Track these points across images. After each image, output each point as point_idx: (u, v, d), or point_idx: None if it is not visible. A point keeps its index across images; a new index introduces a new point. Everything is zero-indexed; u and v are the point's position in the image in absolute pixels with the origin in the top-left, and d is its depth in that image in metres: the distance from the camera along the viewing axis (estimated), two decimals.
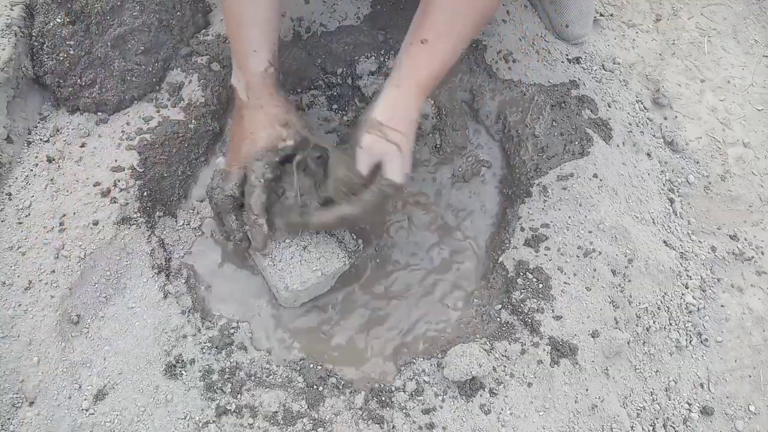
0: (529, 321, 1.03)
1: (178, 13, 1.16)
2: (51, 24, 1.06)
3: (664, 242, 1.13)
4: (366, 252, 1.12)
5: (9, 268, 0.96)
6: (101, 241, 1.00)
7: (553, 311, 1.03)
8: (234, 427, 0.91)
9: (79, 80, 1.09)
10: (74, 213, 1.01)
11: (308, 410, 0.94)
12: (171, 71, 1.16)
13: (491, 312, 1.07)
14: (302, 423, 0.92)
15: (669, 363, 1.05)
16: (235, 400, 0.94)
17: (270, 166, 0.98)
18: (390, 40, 1.25)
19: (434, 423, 0.93)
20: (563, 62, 1.29)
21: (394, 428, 0.93)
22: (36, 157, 1.06)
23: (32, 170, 1.05)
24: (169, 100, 1.14)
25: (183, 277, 1.06)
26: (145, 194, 1.07)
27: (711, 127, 1.32)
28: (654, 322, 1.06)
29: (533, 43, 1.30)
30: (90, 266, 0.98)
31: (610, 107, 1.25)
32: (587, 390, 0.97)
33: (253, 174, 0.97)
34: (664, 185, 1.21)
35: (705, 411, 1.03)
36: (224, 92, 1.18)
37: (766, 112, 1.37)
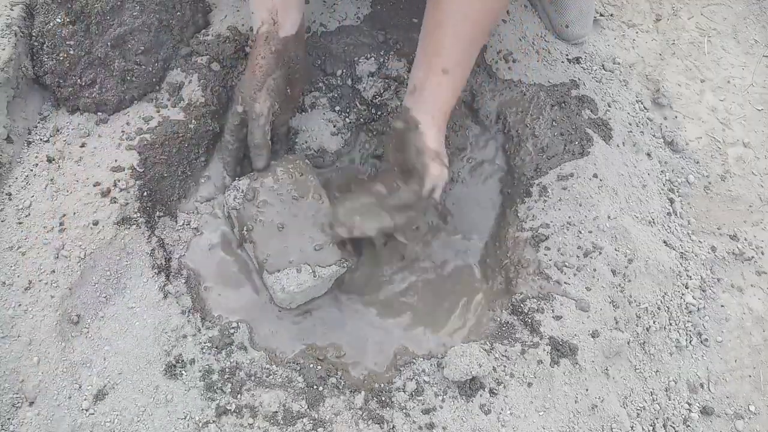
0: (529, 321, 1.03)
1: (178, 13, 1.16)
2: (51, 24, 1.06)
3: (664, 242, 1.13)
4: (364, 254, 1.12)
5: (9, 268, 0.96)
6: (101, 241, 1.00)
7: (553, 311, 1.03)
8: (234, 427, 0.91)
9: (79, 80, 1.09)
10: (74, 213, 1.01)
11: (308, 410, 0.94)
12: (171, 71, 1.16)
13: (491, 312, 1.07)
14: (302, 423, 0.92)
15: (669, 363, 1.05)
16: (235, 400, 0.94)
17: (232, 118, 1.06)
18: (390, 40, 1.25)
19: (434, 423, 0.93)
20: (563, 62, 1.29)
21: (394, 428, 0.93)
22: (36, 157, 1.06)
23: (32, 170, 1.05)
24: (169, 100, 1.14)
25: (183, 277, 1.06)
26: (145, 194, 1.07)
27: (711, 127, 1.32)
28: (654, 322, 1.06)
29: (533, 43, 1.30)
30: (90, 266, 0.98)
31: (610, 107, 1.25)
32: (587, 390, 0.97)
33: (253, 103, 1.03)
34: (664, 185, 1.21)
35: (705, 411, 1.03)
36: (224, 92, 1.18)
37: (766, 112, 1.37)
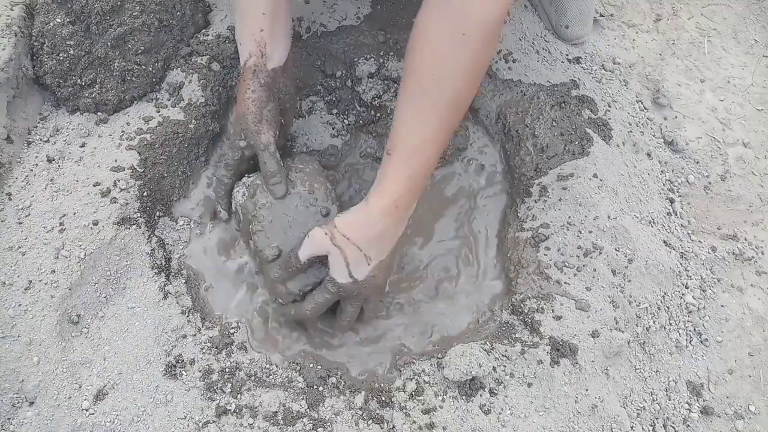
0: (529, 321, 1.03)
1: (178, 13, 1.16)
2: (51, 24, 1.06)
3: (664, 242, 1.13)
4: None
5: (9, 268, 0.96)
6: (101, 241, 1.00)
7: (553, 311, 1.03)
8: (234, 427, 0.91)
9: (79, 80, 1.09)
10: (74, 213, 1.01)
11: (308, 410, 0.94)
12: (171, 71, 1.16)
13: (491, 312, 1.07)
14: (302, 423, 0.92)
15: (669, 363, 1.05)
16: (235, 400, 0.94)
17: (232, 152, 1.06)
18: (390, 41, 1.25)
19: (434, 423, 0.93)
20: (563, 62, 1.29)
21: (394, 428, 0.93)
22: (36, 157, 1.06)
23: (32, 170, 1.05)
24: (169, 100, 1.14)
25: (183, 277, 1.06)
26: (145, 194, 1.07)
27: (711, 127, 1.32)
28: (654, 322, 1.06)
29: (533, 43, 1.30)
30: (90, 266, 0.98)
31: (610, 107, 1.25)
32: (587, 390, 0.97)
33: (258, 135, 1.02)
34: (664, 185, 1.21)
35: (705, 411, 1.03)
36: (224, 92, 1.18)
37: (766, 112, 1.37)
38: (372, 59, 1.24)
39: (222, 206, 1.11)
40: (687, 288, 1.11)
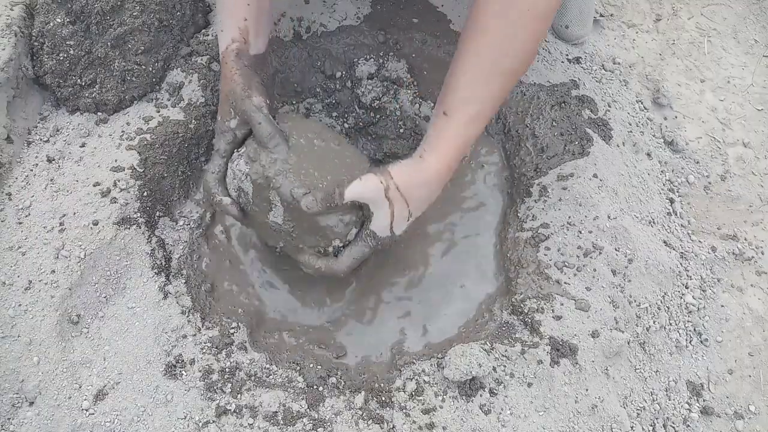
0: (529, 321, 1.03)
1: (178, 13, 1.16)
2: (51, 24, 1.06)
3: (664, 242, 1.13)
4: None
5: (9, 268, 0.96)
6: (101, 241, 1.00)
7: (553, 311, 1.03)
8: (234, 427, 0.91)
9: (79, 80, 1.09)
10: (74, 213, 1.01)
11: (308, 410, 0.94)
12: (171, 71, 1.16)
13: (491, 312, 1.07)
14: (302, 423, 0.92)
15: (669, 363, 1.05)
16: (235, 400, 0.94)
17: (223, 138, 0.97)
18: (390, 41, 1.25)
19: (434, 423, 0.93)
20: (563, 62, 1.29)
21: (394, 428, 0.93)
22: (36, 157, 1.06)
23: (32, 170, 1.05)
24: (169, 100, 1.14)
25: (183, 277, 1.06)
26: (145, 194, 1.07)
27: (711, 127, 1.32)
28: (654, 322, 1.06)
29: None
30: (90, 266, 0.98)
31: (610, 107, 1.25)
32: (587, 390, 0.97)
33: (214, 148, 0.98)
34: (664, 185, 1.21)
35: (705, 411, 1.03)
36: None
37: (766, 112, 1.37)
38: (372, 60, 1.24)
39: (220, 193, 0.98)
40: (687, 288, 1.11)
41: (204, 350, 0.98)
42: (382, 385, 0.99)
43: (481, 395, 0.95)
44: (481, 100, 0.92)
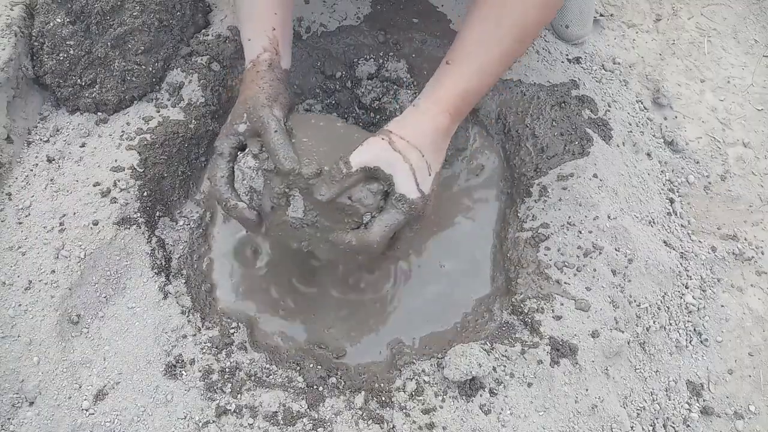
0: (529, 321, 1.03)
1: (178, 13, 1.16)
2: (51, 24, 1.06)
3: (664, 242, 1.13)
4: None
5: (9, 268, 0.96)
6: (101, 241, 1.00)
7: (553, 311, 1.03)
8: (234, 427, 0.91)
9: (79, 80, 1.09)
10: (74, 213, 1.01)
11: (308, 410, 0.94)
12: (171, 71, 1.16)
13: (491, 312, 1.07)
14: (302, 423, 0.92)
15: (669, 363, 1.05)
16: (235, 400, 0.94)
17: (228, 141, 0.93)
18: (390, 41, 1.25)
19: (434, 423, 0.93)
20: (563, 62, 1.29)
21: (394, 428, 0.93)
22: (36, 157, 1.06)
23: (32, 170, 1.05)
24: (169, 100, 1.14)
25: (183, 277, 1.06)
26: (145, 194, 1.07)
27: (711, 127, 1.32)
28: (654, 322, 1.06)
29: (533, 43, 1.30)
30: (90, 266, 0.98)
31: (610, 107, 1.25)
32: (587, 390, 0.97)
33: (216, 150, 0.94)
34: (664, 185, 1.21)
35: (705, 411, 1.03)
36: (224, 92, 1.18)
37: (766, 112, 1.37)
38: (372, 60, 1.24)
39: (234, 198, 0.94)
40: (687, 288, 1.11)
41: (204, 350, 0.98)
42: (382, 385, 0.99)
43: (481, 395, 0.95)
44: (486, 54, 0.90)
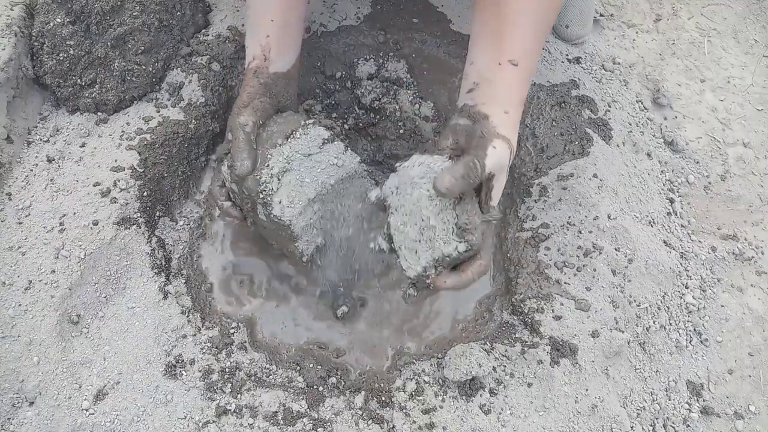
0: (529, 321, 1.03)
1: (178, 13, 1.16)
2: (51, 24, 1.06)
3: (664, 242, 1.13)
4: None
5: (9, 268, 0.96)
6: (101, 241, 1.00)
7: (553, 311, 1.03)
8: (234, 427, 0.91)
9: (79, 80, 1.09)
10: (74, 213, 1.01)
11: (308, 410, 0.94)
12: (171, 71, 1.16)
13: (491, 312, 1.07)
14: (302, 423, 0.92)
15: (669, 363, 1.05)
16: (235, 400, 0.94)
17: (222, 150, 1.00)
18: (390, 41, 1.25)
19: (434, 423, 0.93)
20: (563, 62, 1.29)
21: (394, 428, 0.93)
22: (36, 157, 1.06)
23: (32, 170, 1.05)
24: (169, 100, 1.14)
25: (183, 277, 1.06)
26: (145, 194, 1.07)
27: (711, 127, 1.32)
28: (654, 322, 1.06)
29: None
30: (90, 266, 0.98)
31: (610, 107, 1.25)
32: (587, 390, 0.97)
33: (237, 117, 0.95)
34: (664, 185, 1.21)
35: (705, 411, 1.03)
36: (224, 92, 1.18)
37: (766, 112, 1.37)
38: (372, 60, 1.23)
39: (221, 198, 0.99)
40: (687, 288, 1.11)
41: (204, 350, 0.98)
42: (382, 385, 0.99)
43: (481, 395, 0.95)
44: (533, 49, 0.91)
